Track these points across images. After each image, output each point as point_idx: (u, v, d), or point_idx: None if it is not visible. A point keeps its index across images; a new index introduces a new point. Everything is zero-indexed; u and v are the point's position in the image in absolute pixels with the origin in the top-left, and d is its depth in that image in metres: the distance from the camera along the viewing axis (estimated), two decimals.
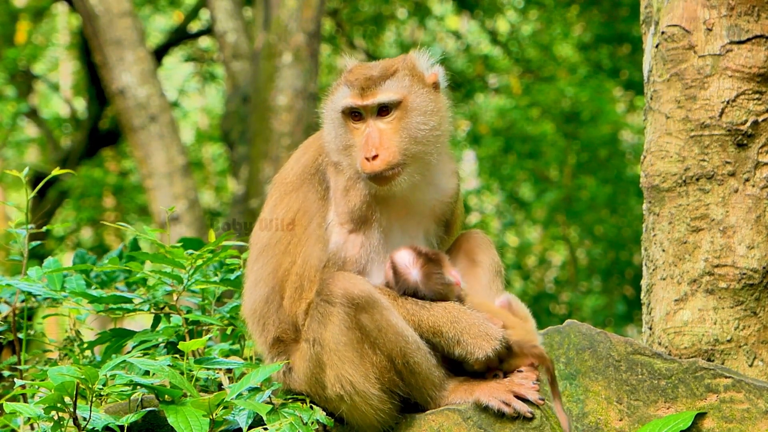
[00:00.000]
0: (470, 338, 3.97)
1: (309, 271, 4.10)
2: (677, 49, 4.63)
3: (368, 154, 4.08)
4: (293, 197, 4.20)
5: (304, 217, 4.16)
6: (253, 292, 4.27)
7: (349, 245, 4.12)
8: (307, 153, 4.30)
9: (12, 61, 17.94)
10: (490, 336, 3.98)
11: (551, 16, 18.69)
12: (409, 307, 4.03)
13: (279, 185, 4.32)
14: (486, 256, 4.32)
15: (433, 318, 4.00)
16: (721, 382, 4.03)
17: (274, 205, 4.28)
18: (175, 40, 19.18)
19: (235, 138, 13.82)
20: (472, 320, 3.99)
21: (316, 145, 4.31)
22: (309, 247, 4.12)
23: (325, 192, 4.19)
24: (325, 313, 3.95)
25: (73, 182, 17.91)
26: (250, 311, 4.28)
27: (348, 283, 3.94)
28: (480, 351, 3.96)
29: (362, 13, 19.51)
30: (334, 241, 4.12)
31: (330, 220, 4.15)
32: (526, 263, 19.26)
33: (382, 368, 3.95)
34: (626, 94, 18.69)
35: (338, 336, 3.94)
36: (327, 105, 4.27)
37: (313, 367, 4.01)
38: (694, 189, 4.56)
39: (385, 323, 3.93)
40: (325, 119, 4.25)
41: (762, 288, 4.50)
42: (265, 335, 4.23)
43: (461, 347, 3.98)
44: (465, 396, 4.01)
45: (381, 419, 4.00)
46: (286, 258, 4.15)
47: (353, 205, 4.14)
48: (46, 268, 4.94)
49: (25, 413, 3.86)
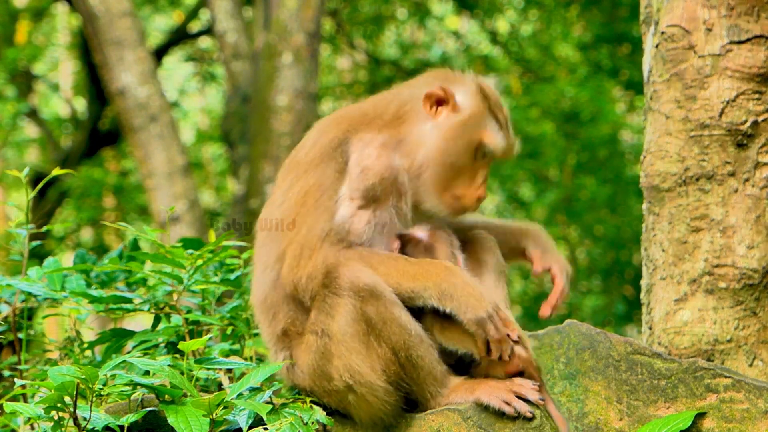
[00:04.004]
0: (464, 297, 3.93)
1: (311, 240, 4.03)
2: (677, 49, 4.63)
3: (482, 196, 4.16)
4: (310, 175, 4.13)
5: (318, 191, 4.09)
6: (261, 280, 4.20)
7: (356, 219, 4.08)
8: (329, 133, 4.19)
9: (12, 61, 17.94)
10: (484, 299, 3.94)
11: (551, 16, 18.69)
12: (410, 260, 4.02)
13: (293, 167, 4.21)
14: (491, 257, 4.32)
15: (432, 268, 3.98)
16: (721, 382, 4.03)
17: (287, 188, 4.18)
18: (175, 40, 19.18)
19: (235, 138, 13.82)
20: (469, 280, 3.98)
21: (346, 120, 4.21)
22: (315, 217, 4.06)
23: (344, 165, 4.11)
24: (333, 305, 3.95)
25: (73, 182, 17.91)
26: (260, 299, 4.20)
27: (354, 275, 3.93)
28: (471, 312, 3.93)
29: (362, 13, 19.51)
30: (341, 213, 4.07)
31: (342, 193, 4.10)
32: (526, 263, 19.19)
33: (387, 360, 3.95)
34: (626, 94, 18.69)
35: (345, 327, 3.94)
36: (454, 116, 4.15)
37: (319, 358, 4.00)
38: (694, 189, 4.57)
39: (389, 315, 3.93)
40: (445, 127, 4.14)
41: (762, 288, 4.50)
42: (274, 326, 4.16)
43: (454, 302, 3.94)
44: (466, 395, 4.01)
45: (386, 412, 4.00)
46: (292, 229, 4.09)
47: (370, 183, 4.11)
48: (46, 268, 4.94)
49: (25, 413, 3.86)
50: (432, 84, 4.18)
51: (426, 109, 4.16)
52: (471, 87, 4.18)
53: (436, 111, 4.15)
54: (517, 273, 18.50)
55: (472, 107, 4.14)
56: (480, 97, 4.16)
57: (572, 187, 17.73)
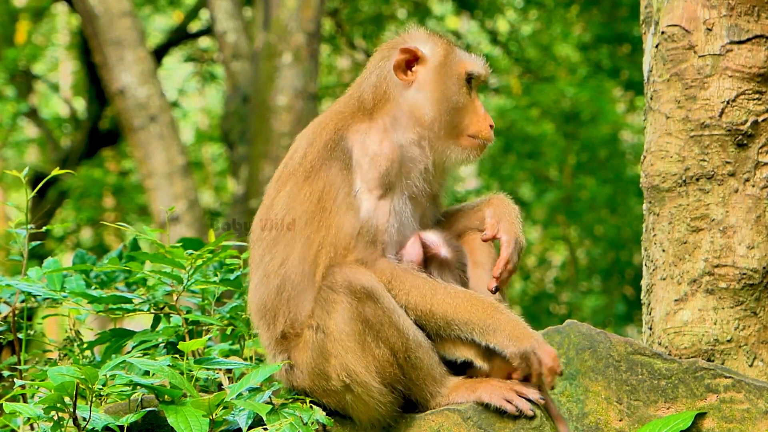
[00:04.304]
0: (508, 332, 3.94)
1: (344, 239, 4.02)
2: (677, 49, 4.63)
3: (491, 122, 4.24)
4: (316, 179, 4.11)
5: (332, 190, 4.08)
6: (262, 286, 4.17)
7: (379, 212, 4.07)
8: (323, 133, 4.18)
9: (12, 61, 17.94)
10: (528, 333, 3.95)
11: (551, 16, 18.70)
12: (448, 289, 4.01)
13: (289, 176, 4.19)
14: (487, 258, 4.32)
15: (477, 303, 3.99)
16: (721, 382, 4.03)
17: (290, 196, 4.14)
18: (175, 40, 19.18)
19: (235, 138, 13.82)
20: (512, 316, 3.99)
21: (332, 120, 4.21)
22: (340, 216, 4.04)
23: (349, 161, 4.11)
24: (329, 300, 3.94)
25: (73, 182, 17.91)
26: (259, 306, 4.19)
27: (352, 275, 3.93)
28: (515, 346, 3.93)
29: (362, 13, 19.52)
30: (365, 208, 4.06)
31: (358, 186, 4.08)
32: (526, 263, 19.27)
33: (384, 361, 3.94)
34: (626, 94, 18.69)
35: (342, 325, 3.93)
36: (430, 66, 4.22)
37: (317, 356, 3.99)
38: (694, 189, 4.56)
39: (387, 319, 3.92)
40: (428, 80, 4.22)
41: (762, 288, 4.50)
42: (272, 330, 4.15)
43: (497, 338, 3.95)
44: (467, 394, 4.01)
45: (382, 412, 3.99)
46: (319, 233, 4.06)
47: (384, 170, 4.10)
48: (46, 268, 4.94)
49: (25, 413, 3.86)
50: (390, 56, 4.26)
51: (402, 78, 4.23)
52: (422, 35, 4.29)
53: (411, 74, 4.23)
54: (517, 273, 18.47)
55: (438, 50, 4.25)
56: (436, 38, 4.28)
57: (572, 187, 17.73)
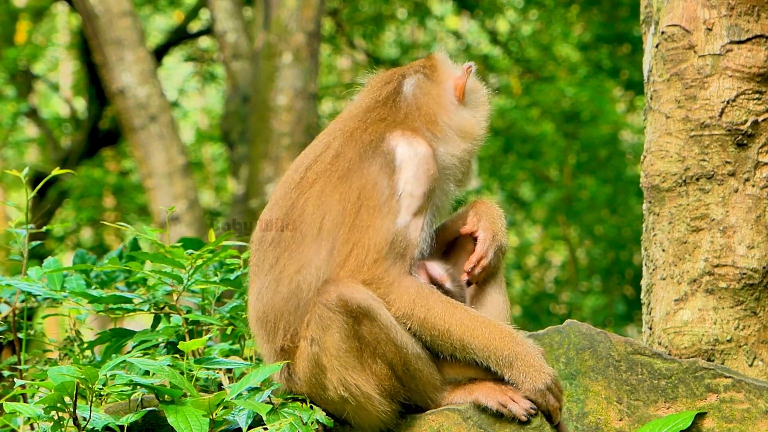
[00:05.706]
0: (525, 366, 3.94)
1: (379, 243, 3.99)
2: (677, 49, 4.63)
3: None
4: (353, 178, 4.07)
5: (374, 189, 4.04)
6: (269, 293, 4.12)
7: (412, 227, 4.04)
8: (362, 134, 4.15)
9: (12, 61, 17.94)
10: (544, 370, 3.94)
11: (551, 16, 18.70)
12: (469, 312, 4.00)
13: (322, 173, 4.13)
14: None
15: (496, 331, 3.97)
16: (721, 382, 4.03)
17: (321, 197, 4.08)
18: (175, 40, 19.19)
19: (235, 138, 13.82)
20: (530, 349, 3.97)
21: (371, 123, 4.20)
22: (380, 219, 4.01)
23: (392, 162, 4.07)
24: (324, 317, 3.92)
25: (73, 182, 17.91)
26: (260, 315, 4.15)
27: (347, 293, 3.90)
28: (531, 383, 3.93)
29: (362, 13, 19.52)
30: (402, 216, 4.04)
31: (400, 190, 4.05)
32: (526, 263, 19.27)
33: (382, 376, 3.95)
34: (626, 94, 18.70)
35: (338, 343, 3.92)
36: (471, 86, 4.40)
37: (313, 367, 3.99)
38: (694, 189, 4.57)
39: (384, 336, 3.91)
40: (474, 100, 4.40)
41: (762, 288, 4.50)
42: (275, 340, 4.11)
43: (513, 371, 3.95)
44: (465, 395, 4.02)
45: (384, 419, 4.01)
46: (353, 233, 4.00)
47: (428, 188, 4.09)
48: (46, 268, 4.94)
49: (25, 413, 3.86)
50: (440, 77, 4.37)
51: (456, 98, 4.35)
52: (447, 61, 4.43)
53: (461, 95, 4.36)
54: (517, 273, 18.50)
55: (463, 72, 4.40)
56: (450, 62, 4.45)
57: (572, 187, 17.73)
